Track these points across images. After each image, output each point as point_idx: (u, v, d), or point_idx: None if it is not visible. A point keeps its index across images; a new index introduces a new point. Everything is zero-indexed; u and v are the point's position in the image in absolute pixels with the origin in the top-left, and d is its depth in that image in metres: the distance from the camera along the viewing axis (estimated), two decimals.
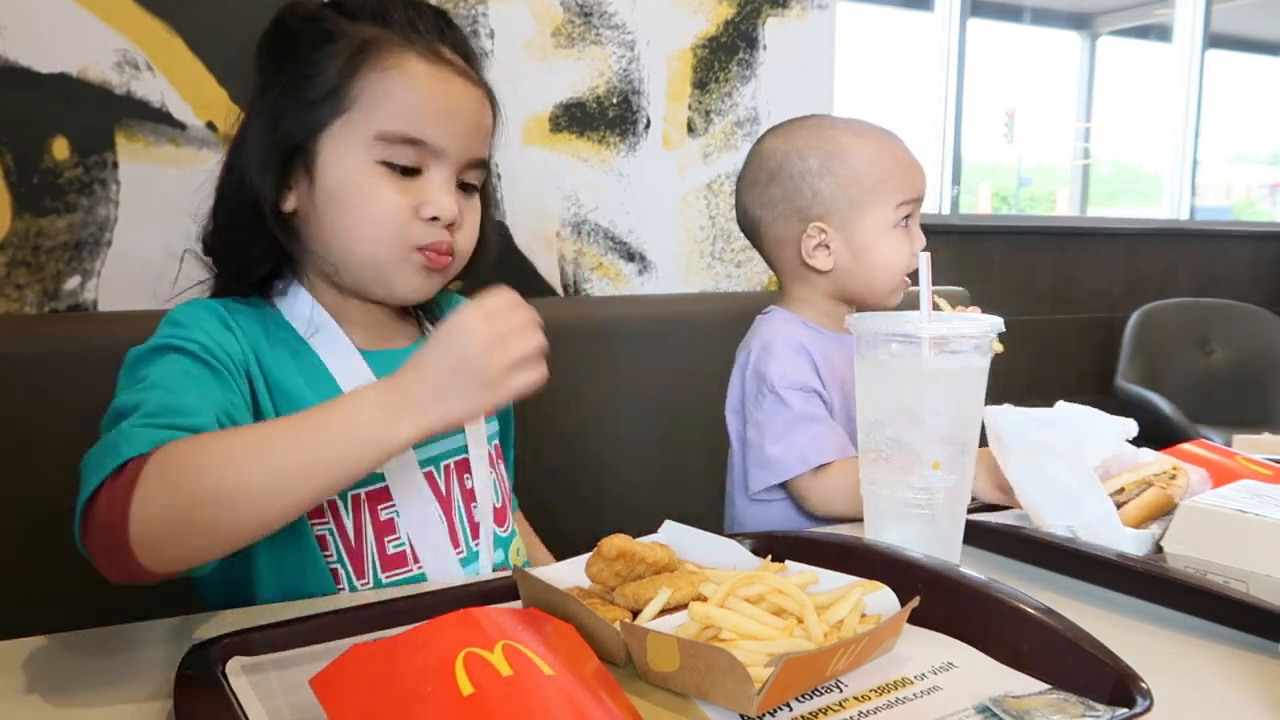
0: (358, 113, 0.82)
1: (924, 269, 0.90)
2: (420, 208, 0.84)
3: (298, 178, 0.84)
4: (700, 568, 0.71)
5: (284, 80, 0.84)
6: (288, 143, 0.83)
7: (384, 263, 0.85)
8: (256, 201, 0.83)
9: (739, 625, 0.60)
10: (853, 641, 0.57)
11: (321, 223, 0.85)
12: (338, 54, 0.83)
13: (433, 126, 0.83)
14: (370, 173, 0.83)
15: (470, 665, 0.48)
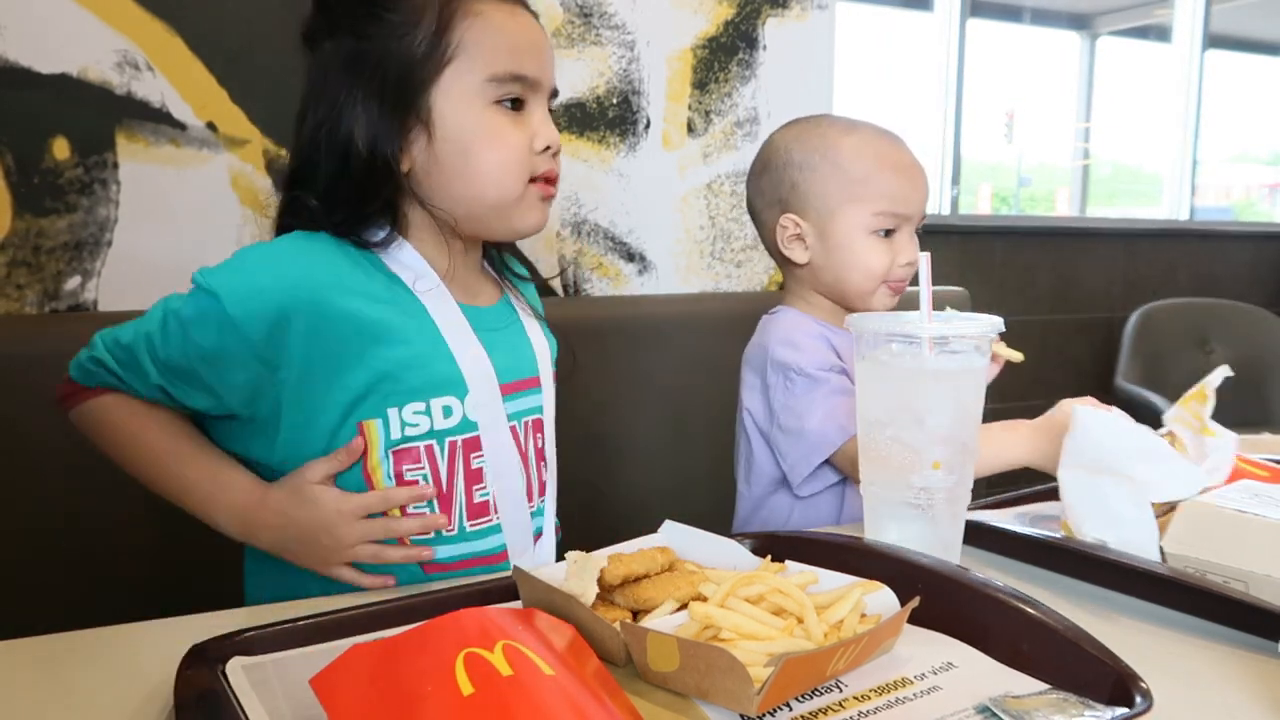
0: (463, 60, 0.86)
1: (924, 269, 0.90)
2: (533, 140, 0.89)
3: (413, 135, 0.87)
4: (700, 567, 0.71)
5: (375, 46, 0.86)
6: (403, 104, 0.86)
7: (511, 200, 0.90)
8: (373, 165, 0.86)
9: (739, 625, 0.60)
10: (853, 641, 0.57)
11: (445, 174, 0.88)
12: (426, 7, 0.86)
13: (530, 60, 0.88)
14: (489, 114, 0.87)
15: (470, 665, 0.48)
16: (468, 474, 0.89)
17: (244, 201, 1.43)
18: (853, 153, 1.13)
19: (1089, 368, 3.12)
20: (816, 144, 1.15)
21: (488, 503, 0.91)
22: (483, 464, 0.90)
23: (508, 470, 0.92)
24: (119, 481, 1.23)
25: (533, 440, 0.96)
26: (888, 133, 1.17)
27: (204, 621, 0.72)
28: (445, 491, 0.88)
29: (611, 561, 0.67)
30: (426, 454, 0.87)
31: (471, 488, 0.90)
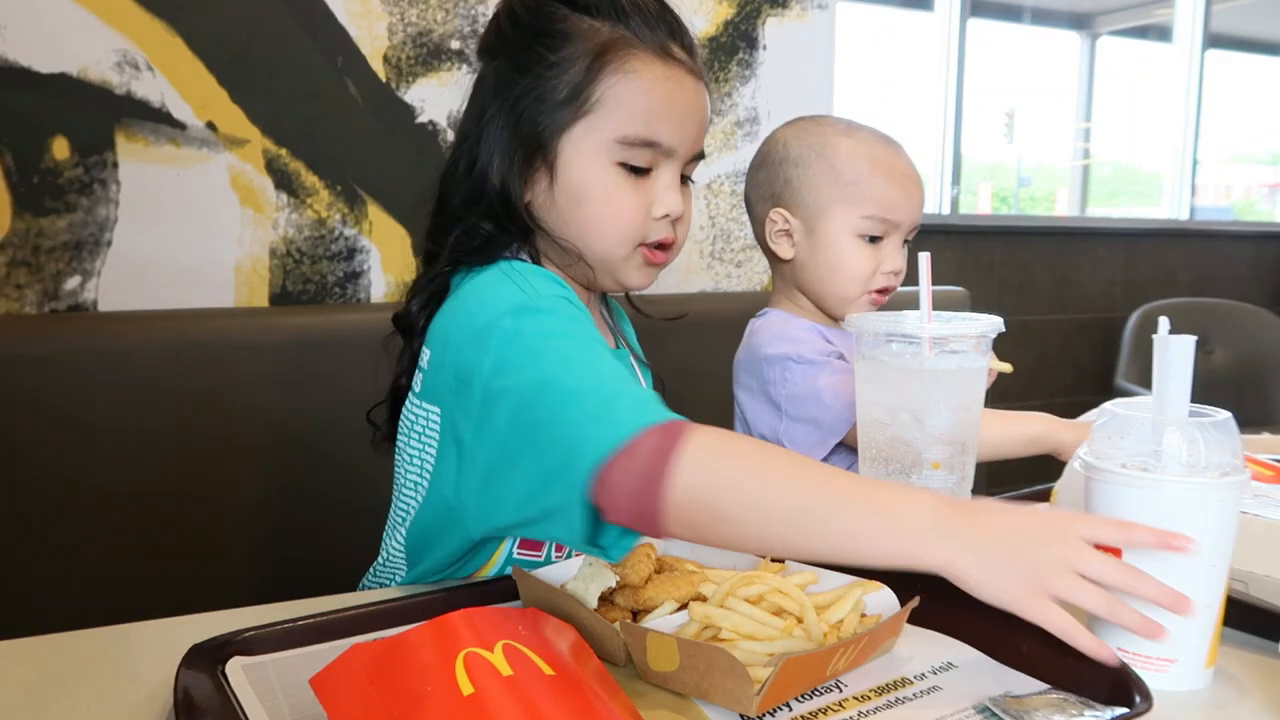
0: (599, 116, 0.85)
1: (924, 269, 0.90)
2: (652, 206, 0.88)
3: (538, 174, 0.88)
4: (700, 567, 0.71)
5: (526, 80, 0.86)
6: (533, 143, 0.86)
7: (616, 258, 0.89)
8: (503, 193, 0.87)
9: (738, 625, 0.59)
10: (852, 642, 0.57)
11: (560, 217, 0.88)
12: (581, 56, 0.85)
13: (668, 129, 0.87)
14: (611, 174, 0.86)
15: (470, 665, 0.48)
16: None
17: (244, 201, 1.43)
18: (848, 154, 1.13)
19: (1089, 368, 3.12)
20: (814, 142, 1.15)
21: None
22: None
23: None
24: (118, 481, 1.23)
25: None
26: (887, 138, 1.17)
27: (204, 621, 0.71)
28: None
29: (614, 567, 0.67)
30: None
31: None
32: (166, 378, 1.26)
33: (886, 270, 1.13)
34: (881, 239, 1.13)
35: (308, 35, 1.45)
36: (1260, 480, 0.91)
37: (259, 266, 1.45)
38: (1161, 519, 0.60)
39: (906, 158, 1.16)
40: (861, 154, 1.13)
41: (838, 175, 1.13)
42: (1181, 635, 0.60)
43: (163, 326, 1.31)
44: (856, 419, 0.91)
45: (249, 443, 1.31)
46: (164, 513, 1.26)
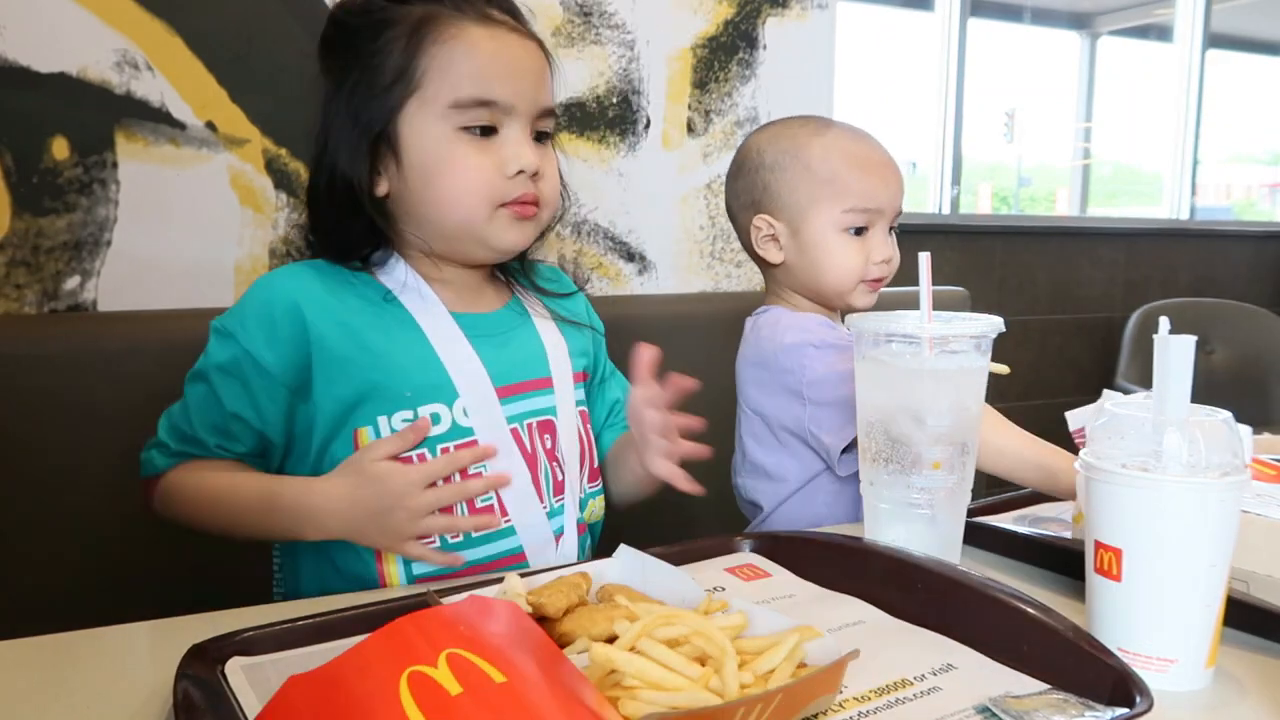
0: (428, 88, 0.87)
1: (924, 269, 0.90)
2: (503, 165, 0.89)
3: (385, 162, 0.90)
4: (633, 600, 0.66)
5: (354, 75, 0.89)
6: (370, 131, 0.88)
7: (478, 224, 0.90)
8: (350, 191, 0.89)
9: (643, 672, 0.53)
10: (762, 698, 0.49)
11: (414, 199, 0.90)
12: (398, 37, 0.87)
13: (500, 85, 0.88)
14: (452, 141, 0.88)
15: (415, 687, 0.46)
16: (465, 478, 0.89)
17: (243, 201, 1.43)
18: (821, 153, 1.14)
19: (1089, 368, 3.12)
20: (787, 145, 1.16)
21: (490, 506, 0.91)
22: (481, 469, 0.90)
23: (514, 473, 0.92)
24: (118, 482, 1.23)
25: (540, 441, 0.96)
26: (858, 131, 1.17)
27: (204, 621, 0.71)
28: None
29: (531, 595, 0.64)
30: (419, 461, 0.88)
31: None
32: (166, 378, 1.25)
33: (877, 260, 1.13)
34: (866, 230, 1.14)
35: (308, 35, 1.45)
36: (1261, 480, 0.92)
37: (259, 266, 1.45)
38: (1161, 519, 0.61)
39: (879, 146, 1.17)
40: (834, 151, 1.14)
41: (814, 175, 1.13)
42: (1182, 636, 0.61)
43: (162, 326, 1.31)
44: (857, 418, 0.91)
45: None
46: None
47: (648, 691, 0.52)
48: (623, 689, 0.53)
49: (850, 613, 0.71)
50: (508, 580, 0.66)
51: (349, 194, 0.89)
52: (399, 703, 0.45)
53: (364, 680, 0.47)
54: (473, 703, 0.45)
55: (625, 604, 0.64)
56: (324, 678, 0.49)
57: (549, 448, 0.96)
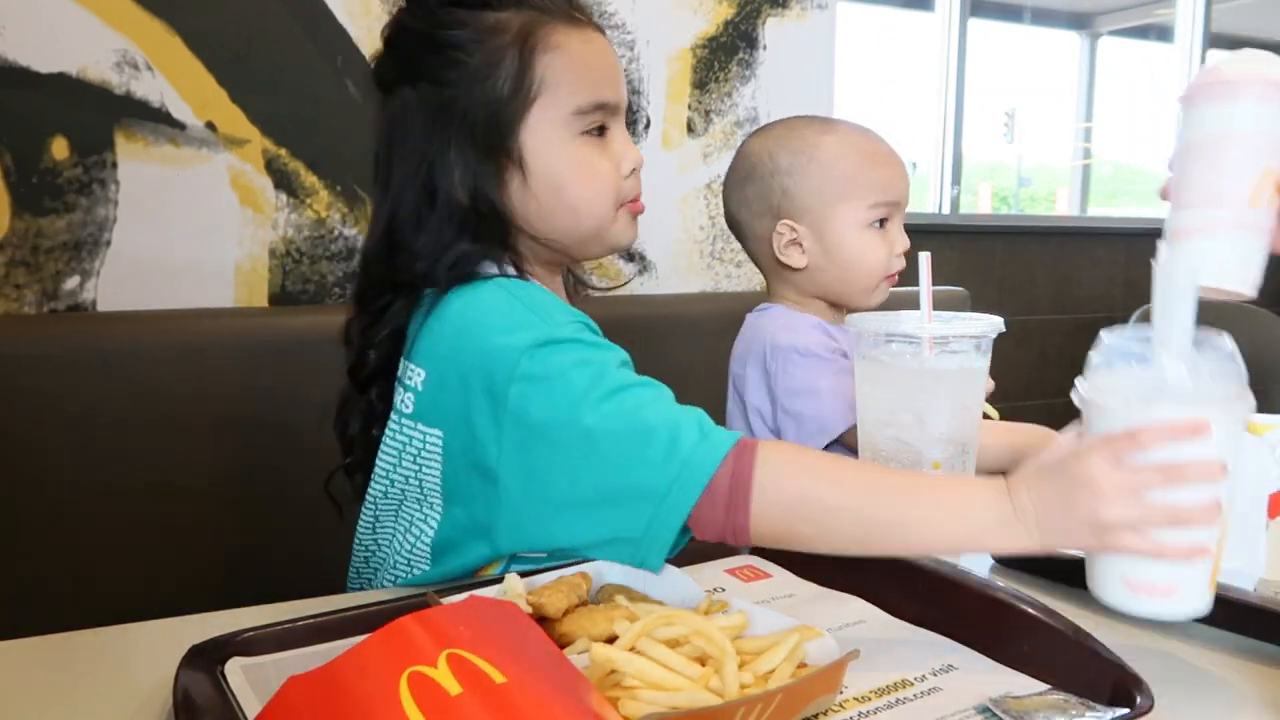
0: (548, 96, 0.86)
1: (924, 269, 0.90)
2: (620, 165, 0.90)
3: (508, 174, 0.87)
4: (632, 600, 0.66)
5: (459, 93, 0.85)
6: (493, 145, 0.86)
7: (606, 225, 0.90)
8: (477, 206, 0.85)
9: (643, 672, 0.52)
10: (762, 698, 0.49)
11: (543, 208, 0.88)
12: (506, 47, 0.85)
13: (608, 86, 0.89)
14: (578, 148, 0.88)
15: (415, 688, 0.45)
16: None
17: (243, 201, 1.43)
18: (836, 151, 1.14)
19: None
20: (799, 146, 1.15)
21: None
22: None
23: None
24: (117, 481, 1.23)
25: None
26: (861, 127, 1.18)
27: (204, 621, 0.71)
28: None
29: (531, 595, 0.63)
30: None
31: None
32: (166, 378, 1.26)
33: (898, 251, 1.15)
34: (887, 221, 1.14)
35: (307, 35, 1.45)
36: None
37: (258, 266, 1.45)
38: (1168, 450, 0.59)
39: (884, 141, 1.18)
40: (848, 147, 1.14)
41: (833, 173, 1.13)
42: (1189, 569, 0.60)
43: (162, 326, 1.31)
44: (857, 419, 0.91)
45: (248, 443, 1.31)
46: (164, 512, 1.26)
47: (648, 691, 0.52)
48: (623, 689, 0.53)
49: (850, 613, 0.71)
50: (508, 580, 0.66)
51: (470, 212, 0.85)
52: (399, 703, 0.45)
53: (364, 680, 0.47)
54: (473, 703, 0.45)
55: (625, 604, 0.64)
56: (324, 678, 0.48)
57: None
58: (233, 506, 1.30)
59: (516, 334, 0.77)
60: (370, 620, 0.66)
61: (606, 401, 0.73)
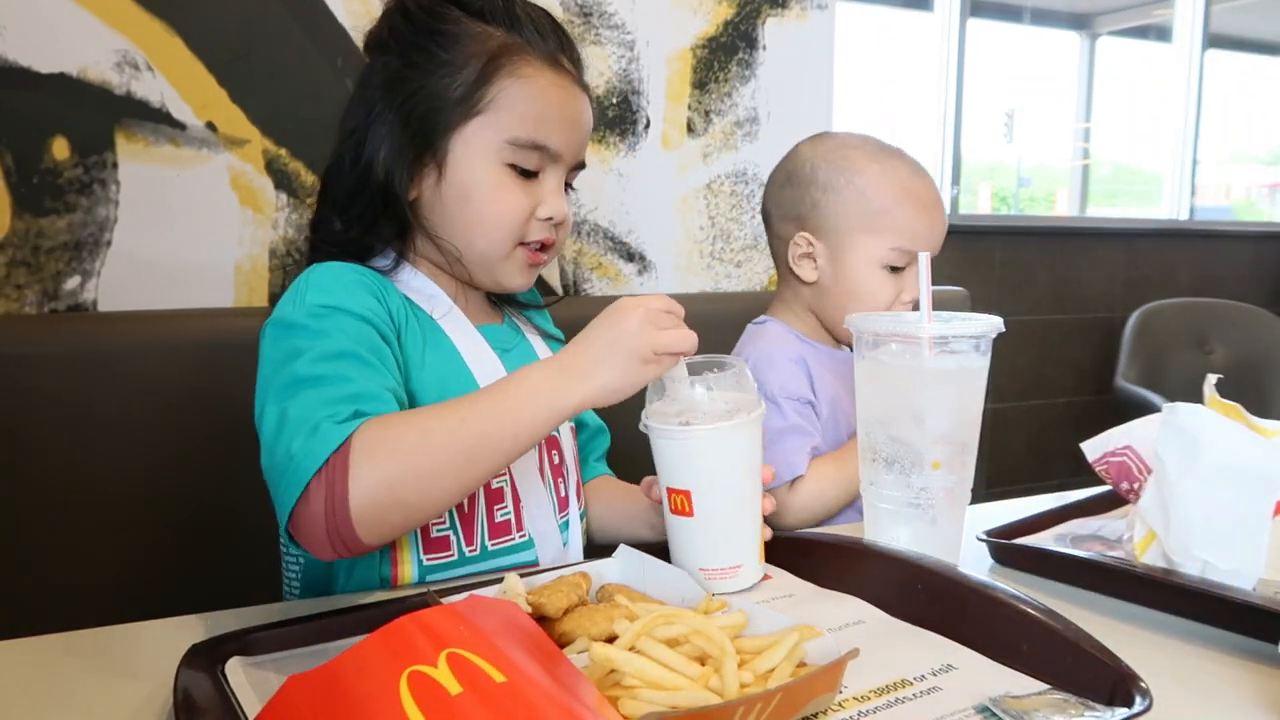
0: (491, 116, 0.88)
1: (924, 269, 0.90)
2: (537, 208, 0.90)
3: (426, 171, 0.89)
4: (632, 600, 0.67)
5: (417, 76, 0.88)
6: (423, 138, 0.88)
7: (496, 257, 0.92)
8: (387, 188, 0.89)
9: (643, 671, 0.53)
10: (762, 697, 0.49)
11: (445, 214, 0.91)
12: (475, 57, 0.88)
13: (557, 134, 0.90)
14: (499, 174, 0.89)
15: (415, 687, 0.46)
16: (488, 493, 0.90)
17: (243, 201, 1.43)
18: (877, 182, 1.11)
19: (1089, 368, 3.12)
20: (842, 166, 1.13)
21: (508, 522, 0.91)
22: (502, 483, 0.91)
23: (533, 485, 0.93)
24: (118, 481, 1.23)
25: (548, 457, 0.97)
26: (916, 165, 1.14)
27: (204, 621, 0.71)
28: (468, 511, 0.89)
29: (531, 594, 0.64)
30: None
31: (492, 507, 0.90)
32: (166, 378, 1.26)
33: (906, 300, 1.12)
34: (903, 269, 1.12)
35: (307, 35, 1.45)
36: None
37: (259, 266, 1.45)
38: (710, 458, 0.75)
39: (933, 186, 1.14)
40: (891, 181, 1.11)
41: (867, 203, 1.11)
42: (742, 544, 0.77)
43: (162, 326, 1.31)
44: (856, 419, 0.90)
45: (249, 443, 1.30)
46: (164, 513, 1.26)
47: (647, 691, 0.52)
48: (622, 688, 0.53)
49: (850, 613, 0.71)
50: (507, 580, 0.66)
51: (381, 189, 0.89)
52: (399, 702, 0.45)
53: (363, 680, 0.47)
54: (472, 702, 0.45)
55: (625, 604, 0.64)
56: (324, 677, 0.48)
57: (555, 463, 0.97)
58: (233, 506, 1.30)
59: (278, 308, 0.83)
60: (370, 620, 0.67)
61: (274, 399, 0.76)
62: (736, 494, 0.77)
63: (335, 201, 0.92)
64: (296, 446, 0.71)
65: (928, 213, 1.12)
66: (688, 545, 0.78)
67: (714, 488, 0.76)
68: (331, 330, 0.80)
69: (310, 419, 0.72)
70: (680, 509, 0.77)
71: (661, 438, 0.77)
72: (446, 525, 0.87)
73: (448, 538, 0.88)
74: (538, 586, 0.66)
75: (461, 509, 0.88)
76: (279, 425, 0.74)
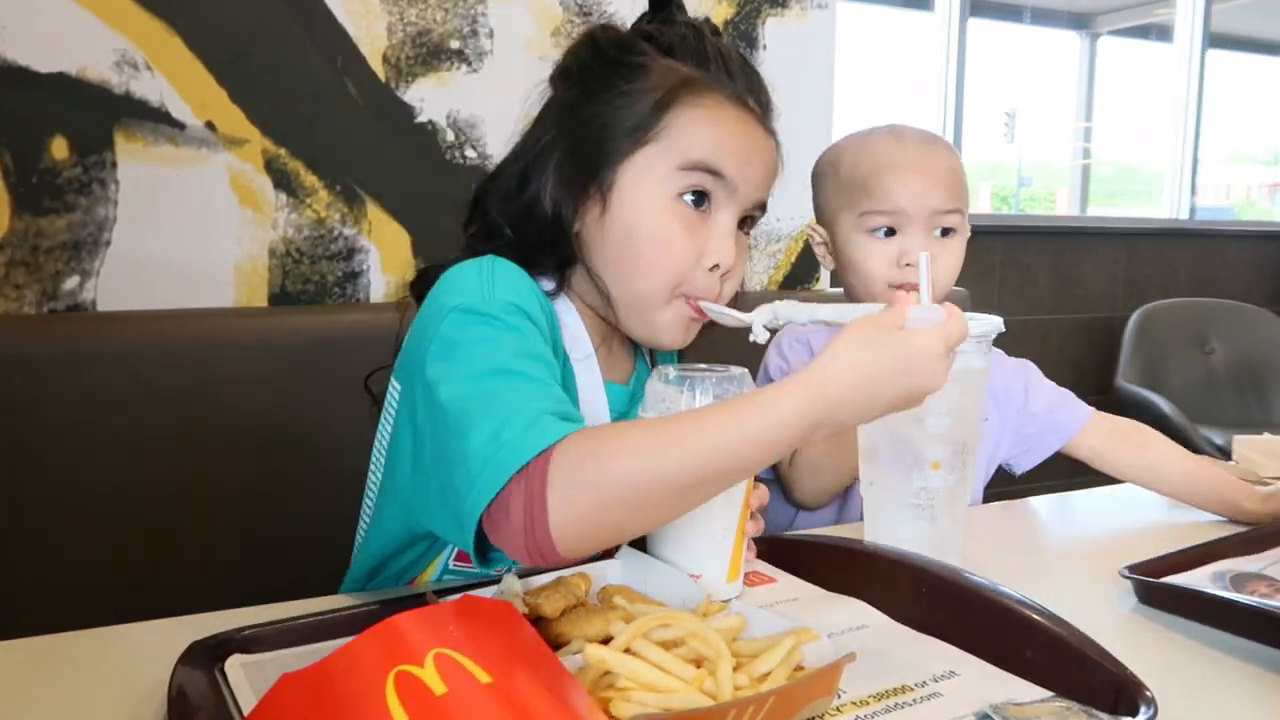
0: (664, 144, 0.82)
1: (924, 269, 0.89)
2: (704, 255, 0.83)
3: (590, 204, 0.84)
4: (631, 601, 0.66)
5: (593, 105, 0.84)
6: (590, 167, 0.83)
7: (654, 303, 0.84)
8: (554, 219, 0.84)
9: (637, 673, 0.52)
10: (754, 700, 0.48)
11: (606, 250, 0.84)
12: (654, 89, 0.83)
13: (732, 160, 0.83)
14: (667, 210, 0.82)
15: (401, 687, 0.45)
16: None
17: (243, 201, 1.43)
18: (852, 159, 1.13)
19: (1089, 368, 3.12)
20: (830, 155, 1.17)
21: None
22: None
23: None
24: (118, 481, 1.23)
25: None
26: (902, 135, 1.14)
27: (204, 621, 0.71)
28: None
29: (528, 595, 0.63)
30: None
31: None
32: (166, 378, 1.26)
33: (904, 264, 1.10)
34: (897, 231, 1.12)
35: (307, 35, 1.44)
36: None
37: (258, 266, 1.45)
38: None
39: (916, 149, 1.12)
40: (864, 156, 1.12)
41: (841, 181, 1.14)
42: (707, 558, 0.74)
43: (162, 326, 1.31)
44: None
45: (248, 443, 1.31)
46: (164, 512, 1.26)
47: (641, 693, 0.51)
48: (616, 690, 0.52)
49: (854, 617, 0.70)
50: (505, 580, 0.66)
51: (548, 220, 0.84)
52: (384, 702, 0.45)
53: (352, 679, 0.47)
54: (457, 703, 0.45)
55: (623, 605, 0.64)
56: (315, 676, 0.48)
57: None
58: (233, 506, 1.30)
59: (453, 296, 0.76)
60: (370, 619, 0.66)
61: (474, 380, 0.70)
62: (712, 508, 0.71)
63: (490, 222, 0.88)
64: (509, 435, 0.64)
65: (896, 173, 1.10)
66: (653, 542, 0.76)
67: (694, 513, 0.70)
68: (526, 332, 0.75)
69: (527, 409, 0.66)
70: None
71: None
72: None
73: None
74: (535, 587, 0.66)
75: None
76: (486, 407, 0.67)
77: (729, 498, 0.73)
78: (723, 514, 0.74)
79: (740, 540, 0.74)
